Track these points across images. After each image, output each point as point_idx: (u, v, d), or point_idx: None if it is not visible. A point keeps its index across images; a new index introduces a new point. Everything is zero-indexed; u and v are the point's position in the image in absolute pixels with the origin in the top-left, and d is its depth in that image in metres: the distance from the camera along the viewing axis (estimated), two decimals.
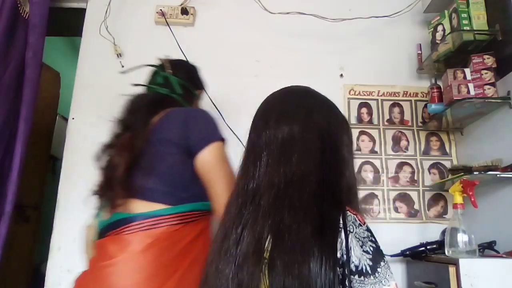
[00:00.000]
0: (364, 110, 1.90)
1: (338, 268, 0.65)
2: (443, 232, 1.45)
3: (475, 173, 1.43)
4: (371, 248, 0.67)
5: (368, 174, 1.82)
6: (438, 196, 1.79)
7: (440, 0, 1.72)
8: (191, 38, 1.94)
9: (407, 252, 1.52)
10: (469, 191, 1.32)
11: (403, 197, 1.80)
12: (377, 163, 1.83)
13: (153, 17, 1.97)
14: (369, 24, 1.93)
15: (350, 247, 0.66)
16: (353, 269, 0.65)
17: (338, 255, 0.65)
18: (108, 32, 1.93)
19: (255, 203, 0.74)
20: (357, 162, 1.83)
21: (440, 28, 1.69)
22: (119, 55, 1.93)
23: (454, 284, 1.18)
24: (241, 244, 0.71)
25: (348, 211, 0.70)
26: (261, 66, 1.93)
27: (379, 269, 0.66)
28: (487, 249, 1.40)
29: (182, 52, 1.88)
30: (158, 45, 1.95)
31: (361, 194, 1.79)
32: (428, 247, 1.48)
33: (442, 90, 1.66)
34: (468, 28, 1.54)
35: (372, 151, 1.85)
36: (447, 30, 1.64)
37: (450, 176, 1.64)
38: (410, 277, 1.61)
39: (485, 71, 1.52)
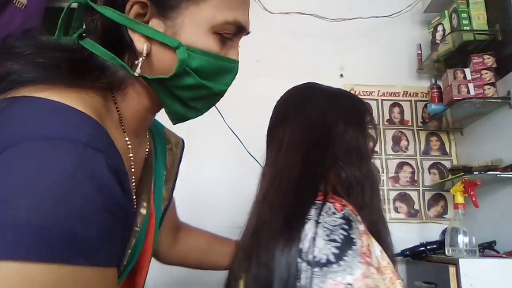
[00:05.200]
0: None
1: (298, 260, 0.65)
2: (443, 232, 1.45)
3: (475, 173, 1.43)
4: (341, 236, 0.65)
5: None
6: (438, 196, 1.79)
7: (440, 0, 1.72)
8: None
9: (407, 252, 1.52)
10: (471, 191, 1.32)
11: (403, 197, 1.79)
12: (377, 163, 1.83)
13: None
14: (369, 24, 1.93)
15: (314, 238, 0.66)
16: (311, 260, 0.64)
17: (300, 246, 0.66)
18: None
19: (254, 201, 0.80)
20: None
21: (440, 28, 1.69)
22: None
23: (454, 284, 1.18)
24: (242, 237, 0.78)
25: (325, 200, 0.71)
26: (261, 66, 1.93)
27: (345, 257, 0.63)
28: (487, 249, 1.40)
29: None
30: None
31: None
32: (428, 247, 1.48)
33: (442, 90, 1.66)
34: (468, 28, 1.54)
35: None
36: (447, 30, 1.64)
37: (450, 176, 1.64)
38: (410, 277, 1.61)
39: (485, 71, 1.52)
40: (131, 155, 0.56)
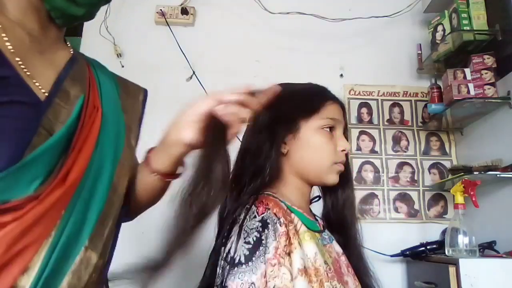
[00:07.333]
0: (364, 110, 1.90)
1: (220, 259, 0.73)
2: (443, 232, 1.45)
3: (475, 173, 1.43)
4: (254, 239, 0.69)
5: (368, 174, 1.82)
6: (438, 196, 1.79)
7: (440, 0, 1.72)
8: (191, 38, 1.94)
9: (407, 252, 1.52)
10: (471, 191, 1.31)
11: (403, 197, 1.80)
12: (377, 163, 1.83)
13: (153, 17, 1.97)
14: (369, 24, 1.93)
15: (233, 239, 0.71)
16: (229, 260, 0.70)
17: (227, 247, 0.72)
18: (108, 32, 1.92)
19: None
20: (357, 162, 1.83)
21: (440, 28, 1.69)
22: (119, 55, 1.92)
23: (454, 284, 1.18)
24: None
25: (253, 204, 0.76)
26: (261, 66, 1.93)
27: (253, 258, 0.67)
28: (487, 249, 1.40)
29: (182, 52, 1.88)
30: (158, 45, 1.95)
31: (361, 194, 1.79)
32: (428, 247, 1.48)
33: (442, 90, 1.66)
34: (468, 28, 1.54)
35: (372, 151, 1.85)
36: (447, 30, 1.64)
37: (450, 176, 1.64)
38: (410, 277, 1.61)
39: (485, 71, 1.52)
40: (3, 35, 0.57)
